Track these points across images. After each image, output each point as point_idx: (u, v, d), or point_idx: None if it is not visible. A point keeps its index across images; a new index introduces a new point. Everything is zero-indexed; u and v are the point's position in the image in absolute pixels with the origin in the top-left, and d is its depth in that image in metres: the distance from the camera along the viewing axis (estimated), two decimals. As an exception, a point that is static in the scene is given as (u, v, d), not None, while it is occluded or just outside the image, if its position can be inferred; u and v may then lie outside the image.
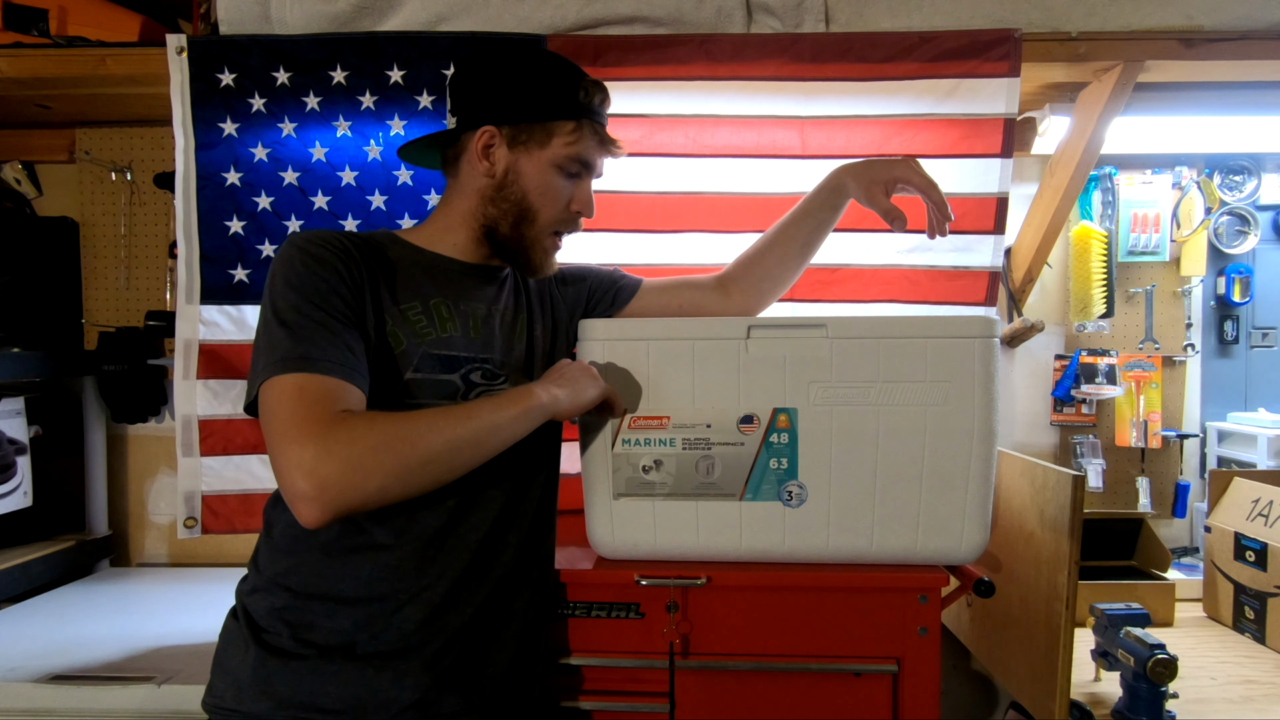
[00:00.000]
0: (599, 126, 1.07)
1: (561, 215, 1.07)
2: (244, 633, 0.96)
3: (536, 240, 1.07)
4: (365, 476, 0.82)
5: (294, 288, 0.91)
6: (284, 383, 0.85)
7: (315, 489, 0.80)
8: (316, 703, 0.92)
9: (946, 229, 1.24)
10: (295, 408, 0.84)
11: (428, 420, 0.88)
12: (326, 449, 0.81)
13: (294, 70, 1.52)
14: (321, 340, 0.89)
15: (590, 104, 1.06)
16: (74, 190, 1.98)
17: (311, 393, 0.85)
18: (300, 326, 0.89)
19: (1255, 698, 1.32)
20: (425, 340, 0.99)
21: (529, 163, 1.04)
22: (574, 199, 1.08)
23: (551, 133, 1.04)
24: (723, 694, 1.16)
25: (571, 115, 1.04)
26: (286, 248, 0.95)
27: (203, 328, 1.55)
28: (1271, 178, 1.93)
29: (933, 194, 1.22)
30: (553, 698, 1.16)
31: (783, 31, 1.52)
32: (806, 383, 1.12)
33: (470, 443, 0.90)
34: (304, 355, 0.87)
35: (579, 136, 1.05)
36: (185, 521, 1.54)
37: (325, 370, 0.87)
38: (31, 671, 1.37)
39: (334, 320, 0.91)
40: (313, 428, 0.82)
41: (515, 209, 1.05)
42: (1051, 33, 1.50)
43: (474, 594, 1.00)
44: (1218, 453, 1.92)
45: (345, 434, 0.82)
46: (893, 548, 1.13)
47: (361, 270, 0.96)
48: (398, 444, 0.84)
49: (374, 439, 0.83)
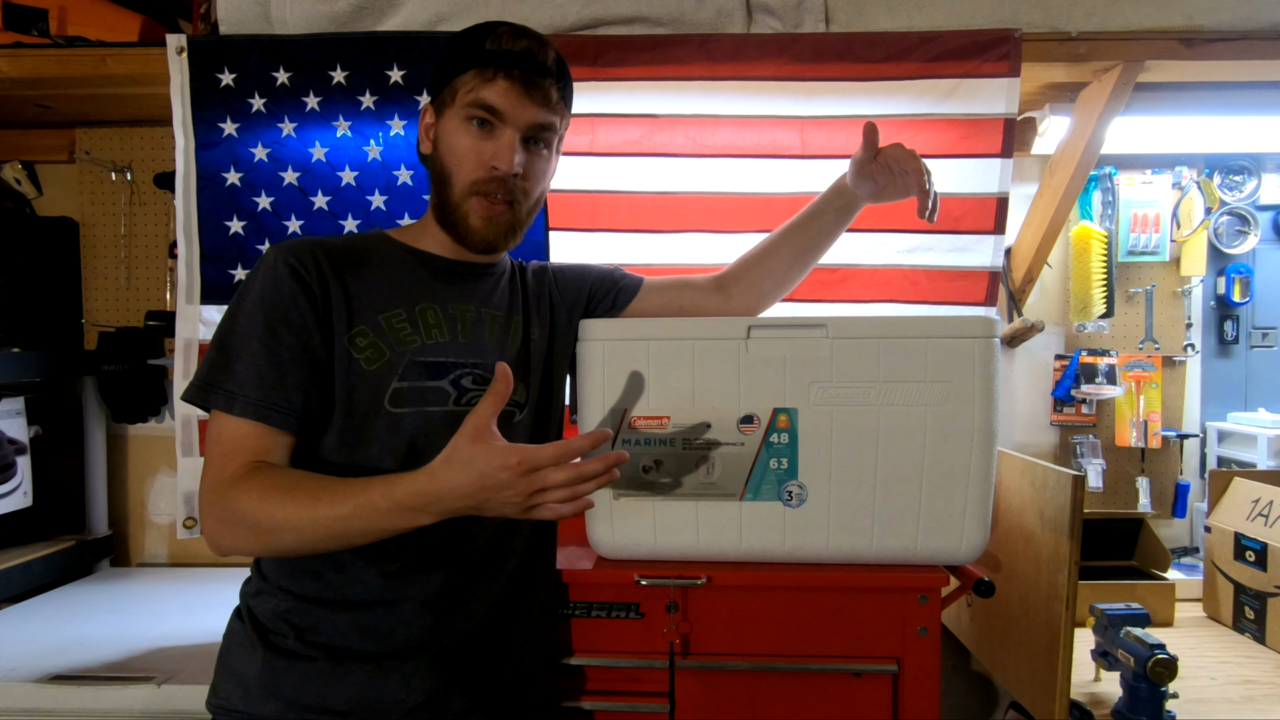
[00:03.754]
0: (515, 72, 0.97)
1: (475, 173, 0.99)
2: (250, 634, 0.96)
3: (458, 205, 1.00)
4: (236, 543, 0.91)
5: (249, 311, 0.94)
6: (213, 418, 0.93)
7: (206, 535, 0.93)
8: (324, 704, 0.92)
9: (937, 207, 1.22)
10: (212, 454, 0.92)
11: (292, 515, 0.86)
12: (211, 509, 0.90)
13: (294, 70, 1.52)
14: (255, 377, 0.92)
15: (499, 49, 0.97)
16: (74, 190, 1.98)
17: (226, 441, 0.91)
18: (239, 356, 0.93)
19: (1255, 698, 1.32)
20: (410, 348, 0.98)
21: (443, 126, 1.01)
22: (488, 152, 0.98)
23: (456, 88, 0.99)
24: (723, 694, 1.16)
25: (474, 64, 0.97)
26: (263, 259, 0.97)
27: (203, 328, 1.55)
28: (1271, 178, 1.93)
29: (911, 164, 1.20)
30: (553, 698, 1.16)
31: (782, 31, 1.52)
32: (806, 383, 1.12)
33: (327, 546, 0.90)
34: (231, 392, 0.91)
35: (480, 82, 0.97)
36: (185, 521, 1.54)
37: (246, 414, 0.91)
38: (31, 671, 1.37)
39: (282, 351, 0.93)
40: (213, 483, 0.91)
41: (438, 177, 1.02)
42: (1051, 33, 1.50)
43: (481, 599, 1.00)
44: (1218, 453, 1.92)
45: (225, 503, 0.89)
46: (893, 548, 1.13)
47: (331, 285, 0.96)
48: (259, 531, 0.88)
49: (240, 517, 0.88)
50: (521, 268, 1.18)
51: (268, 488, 0.88)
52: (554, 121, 1.02)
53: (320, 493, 0.87)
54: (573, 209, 1.55)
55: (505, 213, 1.01)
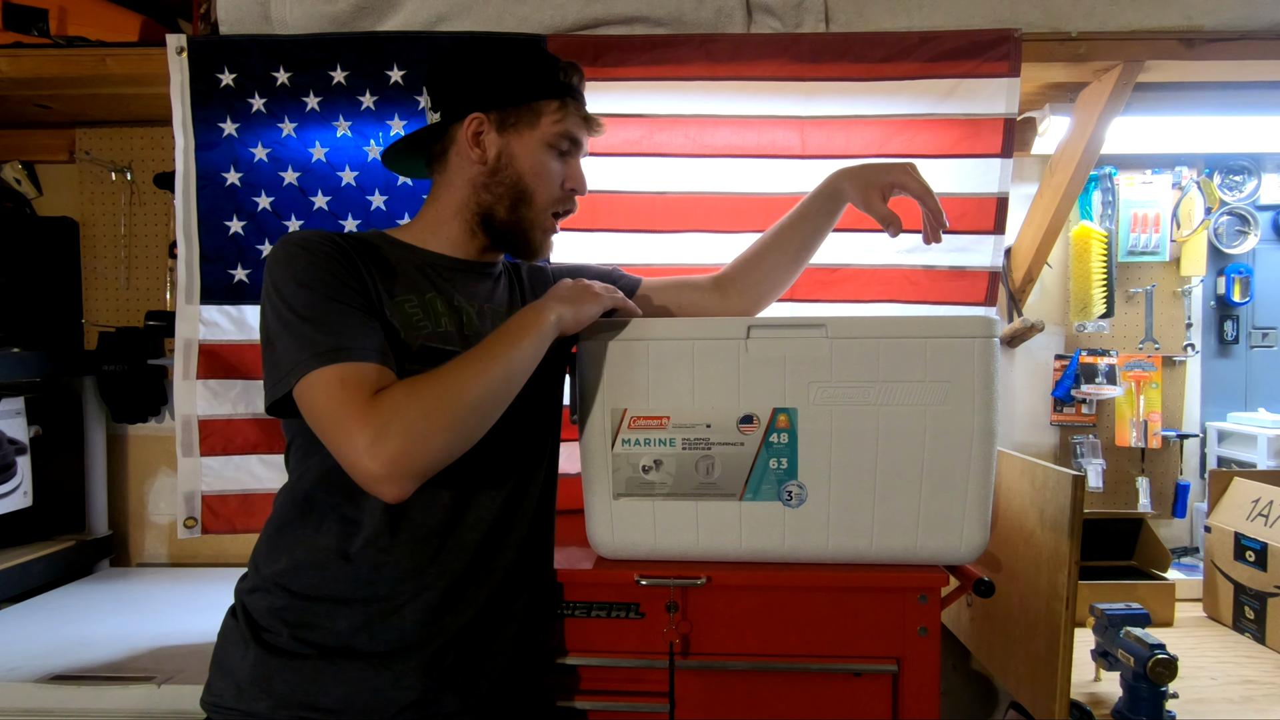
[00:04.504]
0: (580, 105, 1.11)
1: (557, 194, 1.09)
2: (243, 632, 0.96)
3: (535, 222, 1.08)
4: (426, 441, 0.85)
5: (305, 284, 0.92)
6: (323, 376, 0.87)
7: (386, 468, 0.84)
8: (316, 702, 0.92)
9: (941, 236, 1.24)
10: (341, 399, 0.86)
11: (457, 373, 0.91)
12: (381, 429, 0.84)
13: (294, 70, 1.52)
14: (348, 329, 0.90)
15: (570, 83, 1.09)
16: (74, 190, 1.98)
17: (352, 381, 0.87)
18: (323, 320, 0.90)
19: (1255, 698, 1.32)
20: (421, 333, 0.99)
21: (520, 144, 1.06)
22: (567, 177, 1.10)
23: (539, 113, 1.06)
24: (723, 694, 1.16)
25: (556, 94, 1.07)
26: (283, 248, 0.95)
27: (203, 328, 1.55)
28: (1271, 178, 1.93)
29: (928, 201, 1.21)
30: (552, 698, 1.16)
31: (783, 31, 1.52)
32: (806, 383, 1.12)
33: (503, 380, 0.93)
34: (336, 346, 0.88)
35: (565, 114, 1.07)
36: (185, 521, 1.54)
37: (360, 357, 0.89)
38: (31, 671, 1.37)
39: (353, 309, 0.93)
40: (363, 413, 0.85)
41: (511, 192, 1.06)
42: (1051, 33, 1.50)
43: (474, 595, 1.00)
44: (1218, 453, 1.92)
45: (391, 410, 0.85)
46: (893, 548, 1.13)
47: (358, 264, 0.97)
48: (442, 403, 0.87)
49: (419, 405, 0.86)
50: (516, 268, 1.20)
51: (418, 376, 0.90)
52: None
53: (461, 355, 0.94)
54: (573, 209, 1.55)
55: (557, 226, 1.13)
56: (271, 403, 0.93)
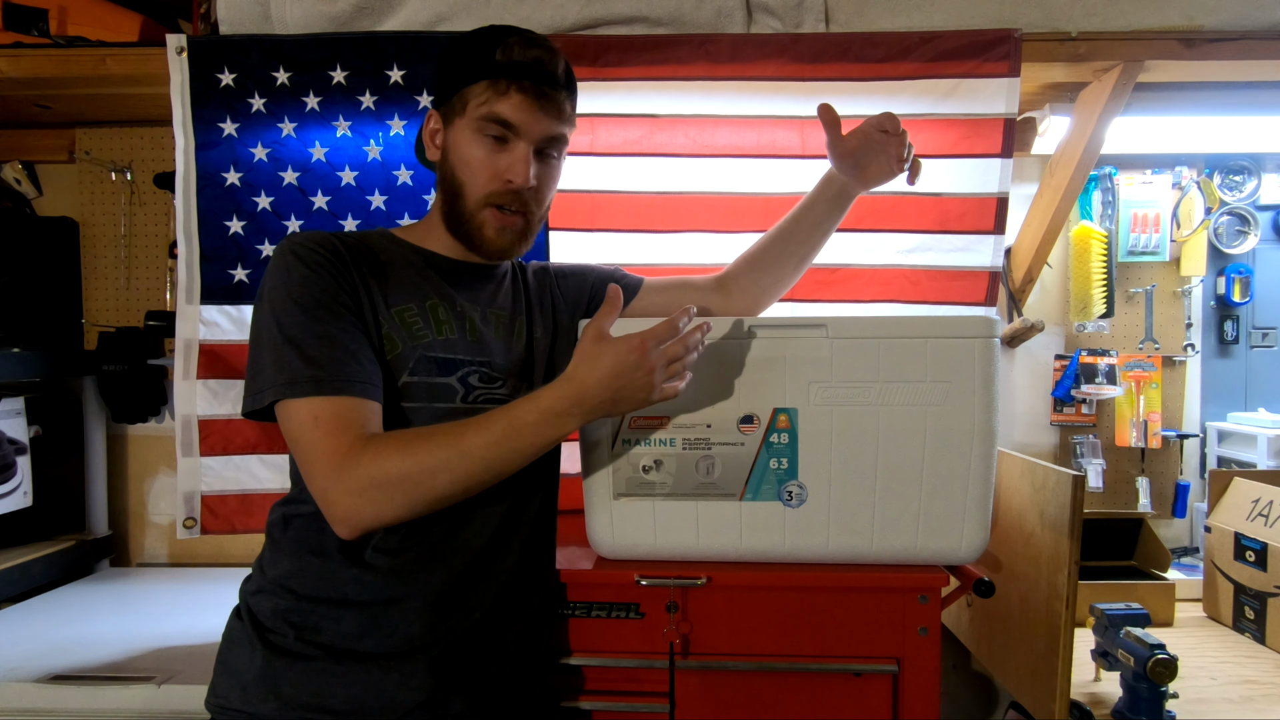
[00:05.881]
0: (526, 84, 0.96)
1: (489, 185, 0.99)
2: (249, 633, 0.96)
3: (472, 216, 1.01)
4: (379, 509, 0.88)
5: (296, 301, 0.92)
6: (298, 409, 0.88)
7: (339, 515, 0.88)
8: (323, 704, 0.92)
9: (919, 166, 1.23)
10: (314, 437, 0.88)
11: (439, 457, 0.88)
12: (343, 481, 0.87)
13: (294, 70, 1.52)
14: (329, 357, 0.90)
15: (510, 59, 0.96)
16: (74, 190, 1.98)
17: (326, 420, 0.88)
18: (306, 343, 0.90)
19: (1255, 698, 1.32)
20: (421, 342, 0.99)
21: (454, 135, 1.01)
22: (505, 167, 0.98)
23: (467, 98, 0.98)
24: (723, 694, 1.16)
25: (485, 75, 0.96)
26: (282, 255, 0.95)
27: (203, 328, 1.55)
28: (1271, 178, 1.93)
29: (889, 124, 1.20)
30: (553, 698, 1.16)
31: (782, 31, 1.52)
32: (806, 383, 1.12)
33: (482, 481, 0.91)
34: (314, 378, 0.89)
35: (492, 95, 0.96)
36: (185, 521, 1.54)
37: (335, 391, 0.89)
38: (31, 671, 1.37)
39: (339, 332, 0.92)
40: (332, 459, 0.87)
41: (449, 187, 1.02)
42: (1051, 33, 1.50)
43: (479, 597, 1.00)
44: (1218, 453, 1.92)
45: (357, 469, 0.86)
46: (893, 548, 1.13)
47: (354, 274, 0.96)
48: (405, 484, 0.87)
49: (382, 476, 0.87)
50: (521, 268, 1.19)
51: (404, 440, 0.89)
52: (565, 133, 1.03)
53: (462, 429, 0.89)
54: (573, 209, 1.55)
55: (519, 222, 1.03)
56: (246, 411, 0.93)
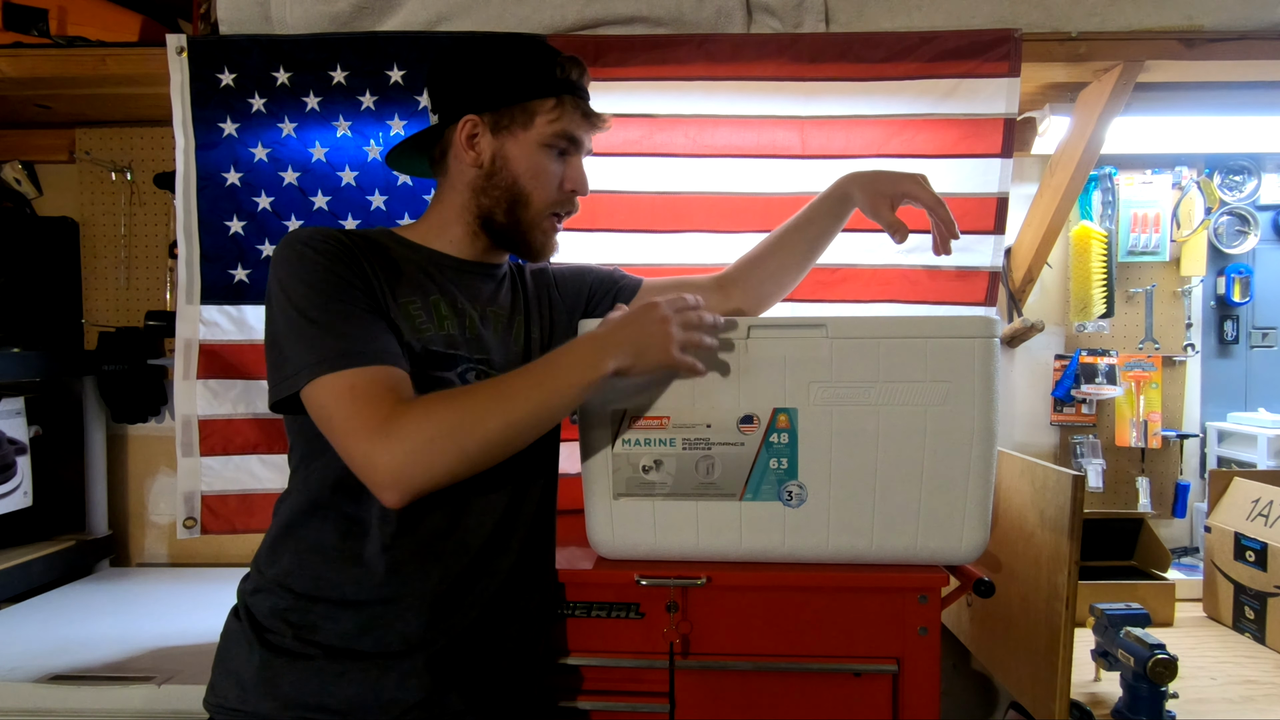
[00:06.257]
0: (581, 101, 1.06)
1: (555, 196, 1.06)
2: (247, 633, 0.96)
3: (534, 224, 1.06)
4: (430, 465, 0.87)
5: (312, 285, 0.92)
6: (333, 382, 0.88)
7: (389, 479, 0.86)
8: (322, 703, 0.92)
9: (950, 248, 1.23)
10: (353, 407, 0.87)
11: (484, 403, 0.90)
12: (391, 443, 0.85)
13: (294, 70, 1.52)
14: (356, 332, 0.90)
15: (569, 79, 1.04)
16: (74, 190, 1.98)
17: (363, 389, 0.87)
18: (331, 323, 0.90)
19: (1255, 698, 1.32)
20: (424, 336, 0.99)
21: (515, 146, 1.04)
22: (566, 178, 1.07)
23: (533, 112, 1.03)
24: (723, 694, 1.16)
25: (551, 92, 1.03)
26: (289, 247, 0.95)
27: (203, 328, 1.55)
28: (1271, 178, 1.93)
29: (939, 211, 1.20)
30: (553, 698, 1.15)
31: (783, 31, 1.52)
32: (806, 383, 1.12)
33: (530, 423, 0.92)
34: (344, 351, 0.89)
35: (561, 112, 1.03)
36: (185, 521, 1.54)
37: (368, 361, 0.89)
38: (31, 671, 1.37)
39: (361, 311, 0.93)
40: (374, 423, 0.86)
41: (508, 195, 1.04)
42: (1051, 33, 1.50)
43: (477, 594, 1.00)
44: (1218, 453, 1.92)
45: (405, 428, 0.86)
46: (893, 548, 1.13)
47: (364, 264, 0.97)
48: (456, 433, 0.87)
49: (432, 429, 0.87)
50: (520, 269, 1.19)
51: (446, 394, 0.91)
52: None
53: (498, 379, 0.94)
54: (573, 209, 1.55)
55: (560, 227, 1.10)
56: (274, 402, 0.93)
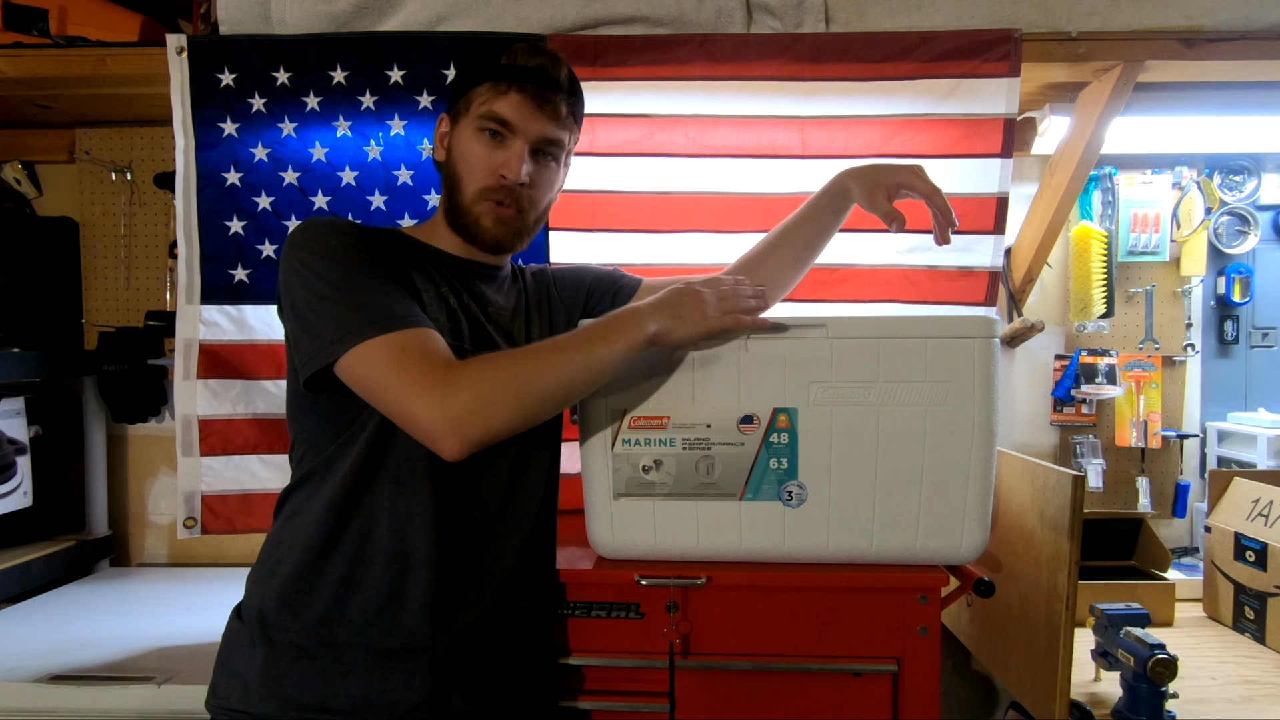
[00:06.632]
0: (528, 86, 1.01)
1: (485, 180, 1.03)
2: (250, 633, 0.96)
3: (468, 208, 1.04)
4: (491, 414, 0.88)
5: (339, 260, 0.92)
6: (381, 344, 0.88)
7: (450, 425, 0.86)
8: (326, 703, 0.92)
9: (950, 236, 1.23)
10: (406, 363, 0.87)
11: (539, 358, 0.93)
12: (452, 390, 0.87)
13: (294, 70, 1.52)
14: (392, 301, 0.91)
15: (514, 64, 1.02)
16: (74, 190, 1.98)
17: (413, 347, 0.88)
18: (366, 290, 0.91)
19: (1255, 698, 1.32)
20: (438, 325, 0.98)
21: (457, 134, 1.06)
22: (500, 163, 1.02)
23: (471, 99, 1.04)
24: (723, 694, 1.16)
25: (489, 78, 1.02)
26: (309, 229, 0.95)
27: (203, 328, 1.55)
28: (1271, 178, 1.93)
29: (936, 200, 1.20)
30: (553, 698, 1.16)
31: (783, 31, 1.52)
32: (806, 383, 1.12)
33: (583, 375, 0.94)
34: (388, 315, 0.89)
35: (493, 95, 1.01)
36: (185, 521, 1.54)
37: (412, 324, 0.90)
38: (31, 671, 1.37)
39: (391, 283, 0.94)
40: (433, 374, 0.87)
41: (449, 182, 1.07)
42: (1051, 33, 1.50)
43: (480, 594, 1.00)
44: (1218, 453, 1.92)
45: (465, 379, 0.88)
46: (893, 548, 1.13)
47: (380, 249, 0.98)
48: (517, 382, 0.90)
49: (493, 378, 0.89)
50: (521, 271, 1.20)
51: (500, 353, 0.94)
52: (562, 137, 1.06)
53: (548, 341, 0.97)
54: (573, 209, 1.55)
55: (515, 217, 1.06)
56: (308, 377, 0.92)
